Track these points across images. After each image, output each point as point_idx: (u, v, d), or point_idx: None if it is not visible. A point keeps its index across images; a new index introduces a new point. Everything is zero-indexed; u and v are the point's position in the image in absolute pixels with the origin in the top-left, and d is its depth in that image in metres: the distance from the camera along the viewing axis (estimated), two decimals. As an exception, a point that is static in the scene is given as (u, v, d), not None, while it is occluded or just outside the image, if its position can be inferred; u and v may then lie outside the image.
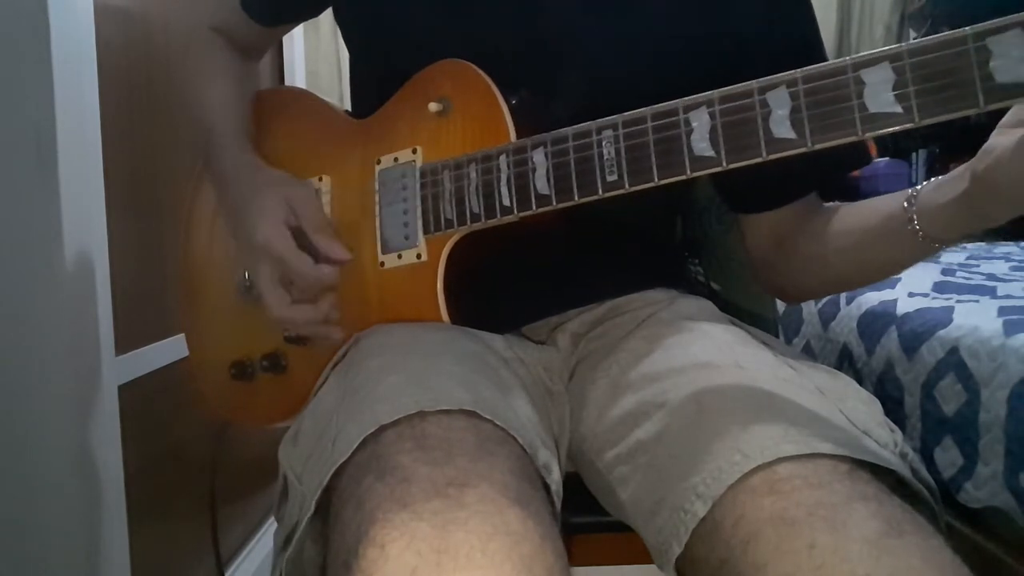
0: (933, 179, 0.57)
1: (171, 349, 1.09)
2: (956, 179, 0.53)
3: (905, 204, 0.57)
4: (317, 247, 0.68)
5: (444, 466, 0.43)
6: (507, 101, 0.64)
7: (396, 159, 0.69)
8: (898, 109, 0.46)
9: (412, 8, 0.72)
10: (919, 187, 0.57)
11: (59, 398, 0.86)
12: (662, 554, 0.50)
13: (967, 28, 0.43)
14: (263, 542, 1.49)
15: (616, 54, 0.68)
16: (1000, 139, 0.49)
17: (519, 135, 0.62)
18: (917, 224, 0.56)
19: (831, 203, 0.71)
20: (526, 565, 0.38)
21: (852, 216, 0.66)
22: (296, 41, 1.94)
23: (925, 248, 0.58)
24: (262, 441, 1.36)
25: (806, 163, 0.50)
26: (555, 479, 0.51)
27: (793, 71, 0.49)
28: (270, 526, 1.53)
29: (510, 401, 0.54)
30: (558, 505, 0.51)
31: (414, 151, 0.68)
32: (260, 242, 0.68)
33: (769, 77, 0.50)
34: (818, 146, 0.48)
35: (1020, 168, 0.47)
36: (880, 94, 0.46)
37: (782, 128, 0.49)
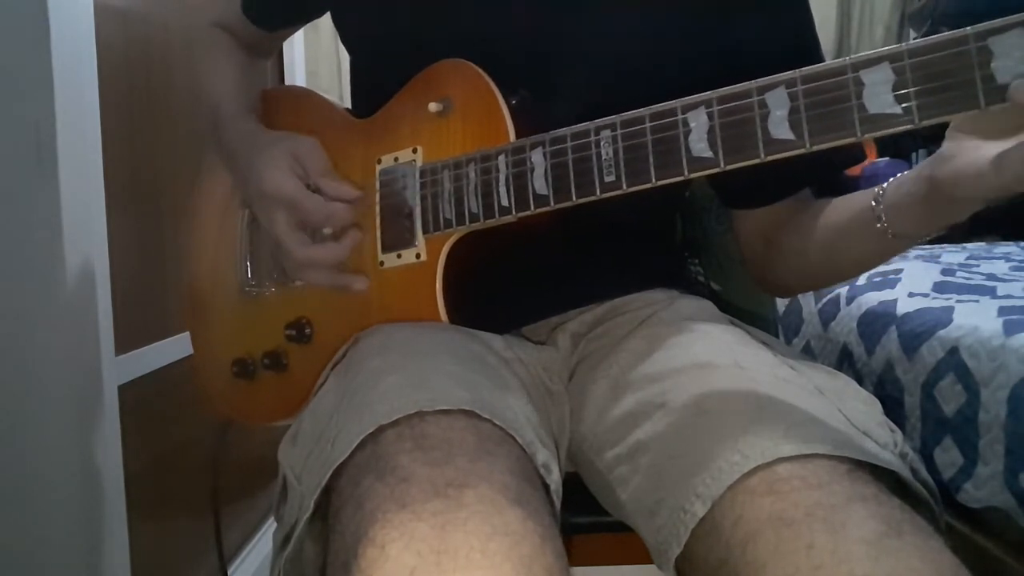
0: (896, 177, 0.56)
1: (171, 349, 1.09)
2: (916, 181, 0.53)
3: (872, 203, 0.57)
4: (325, 191, 0.69)
5: (443, 466, 0.43)
6: (507, 101, 0.64)
7: (396, 159, 0.69)
8: (898, 110, 0.45)
9: (411, 11, 0.72)
10: (885, 185, 0.57)
11: (59, 398, 0.86)
12: (661, 554, 0.50)
13: (968, 28, 0.43)
14: (263, 542, 1.49)
15: (614, 57, 0.68)
16: (954, 146, 0.48)
17: (519, 135, 0.62)
18: (885, 222, 0.56)
19: (822, 198, 0.71)
20: (525, 565, 0.38)
21: (828, 213, 0.66)
22: (296, 41, 1.95)
23: (895, 245, 0.57)
24: (262, 441, 1.36)
25: (801, 161, 0.50)
26: (555, 479, 0.51)
27: (792, 71, 0.48)
28: (270, 526, 1.53)
29: (509, 401, 0.54)
30: (558, 505, 0.51)
31: (414, 151, 0.68)
32: (270, 190, 0.68)
33: (768, 77, 0.49)
34: (816, 147, 0.48)
35: (978, 186, 0.46)
36: (880, 95, 0.46)
37: (781, 129, 0.49)
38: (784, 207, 0.72)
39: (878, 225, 0.56)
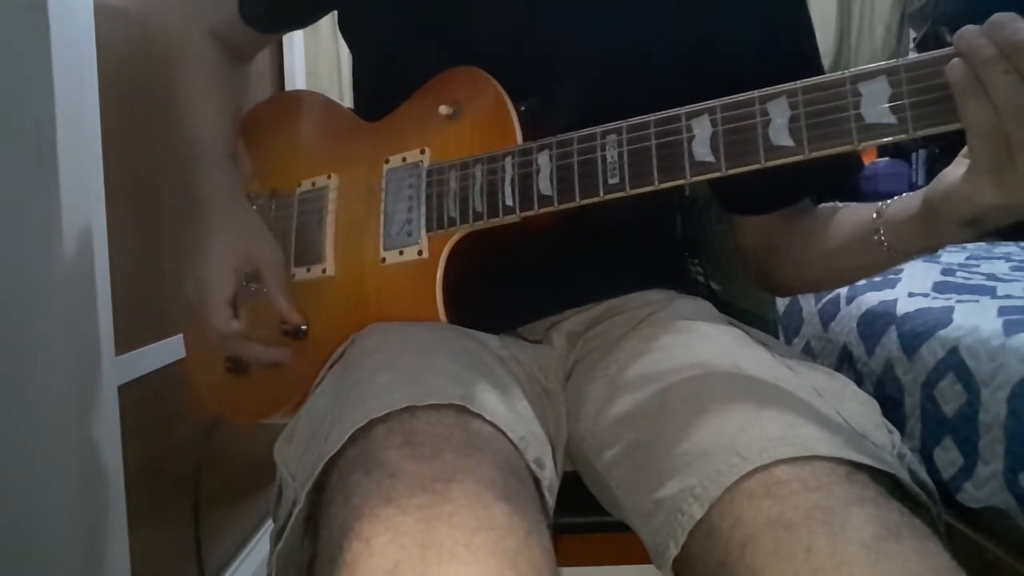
0: (898, 196, 0.59)
1: (171, 349, 1.09)
2: (915, 199, 0.55)
3: (874, 215, 0.59)
4: (278, 308, 0.73)
5: (431, 461, 0.43)
6: (516, 108, 0.65)
7: (404, 159, 0.70)
8: (893, 120, 0.48)
9: (422, 18, 0.72)
10: (888, 202, 0.59)
11: (59, 398, 0.86)
12: (659, 555, 0.50)
13: None
14: (262, 542, 1.49)
15: (615, 68, 0.69)
16: (954, 168, 0.50)
17: (526, 141, 0.63)
18: (883, 237, 0.58)
19: (823, 204, 0.72)
20: (510, 559, 0.38)
21: (830, 223, 0.67)
22: (296, 42, 1.94)
23: (893, 258, 0.59)
24: (256, 443, 1.36)
25: (800, 172, 0.52)
26: (547, 475, 0.51)
27: (793, 83, 0.51)
28: (268, 527, 1.53)
29: (503, 397, 0.54)
30: (551, 501, 0.51)
31: (422, 152, 0.69)
32: (203, 280, 0.72)
33: (770, 88, 0.52)
34: (815, 154, 0.50)
35: (958, 207, 0.49)
36: (876, 105, 0.48)
37: (781, 136, 0.51)
38: (784, 215, 0.73)
39: (875, 238, 0.59)
